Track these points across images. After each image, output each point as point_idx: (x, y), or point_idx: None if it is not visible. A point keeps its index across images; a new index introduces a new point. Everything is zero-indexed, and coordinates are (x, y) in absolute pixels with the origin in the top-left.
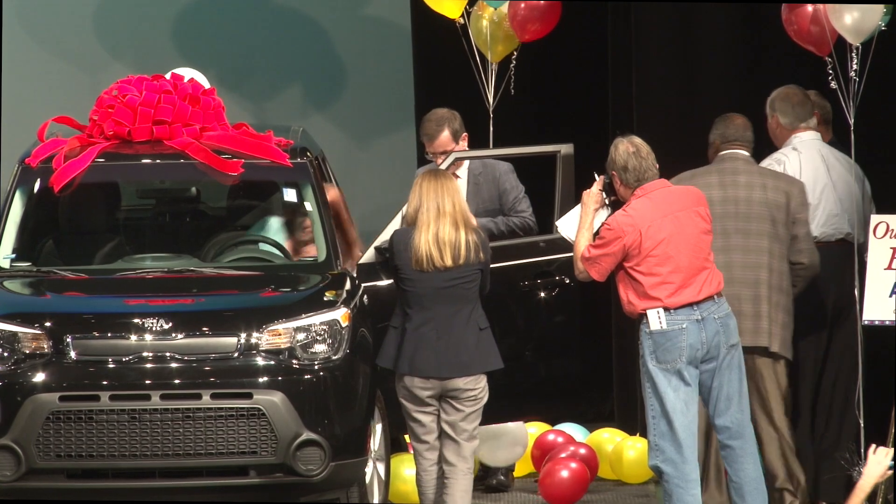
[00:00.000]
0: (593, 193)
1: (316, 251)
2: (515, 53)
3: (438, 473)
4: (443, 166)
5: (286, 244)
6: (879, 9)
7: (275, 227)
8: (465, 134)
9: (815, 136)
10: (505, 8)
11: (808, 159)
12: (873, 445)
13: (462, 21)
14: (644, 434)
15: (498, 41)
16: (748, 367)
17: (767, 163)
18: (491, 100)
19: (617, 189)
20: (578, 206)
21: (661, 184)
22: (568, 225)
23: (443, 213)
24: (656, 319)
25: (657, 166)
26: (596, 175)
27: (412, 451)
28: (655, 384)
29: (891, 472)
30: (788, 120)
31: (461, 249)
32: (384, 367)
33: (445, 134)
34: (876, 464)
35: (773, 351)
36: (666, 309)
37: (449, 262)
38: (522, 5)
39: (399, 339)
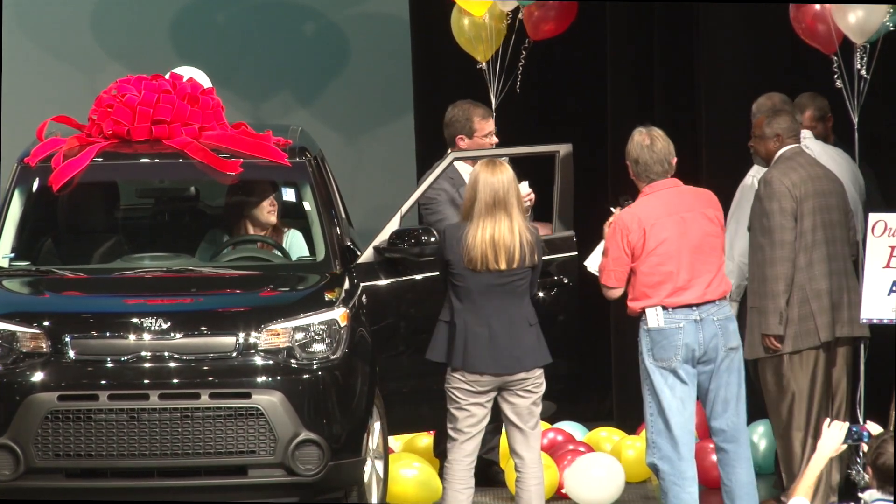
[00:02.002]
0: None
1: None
2: (525, 52)
3: (469, 465)
4: (440, 168)
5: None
6: (884, 8)
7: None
8: None
9: (807, 134)
10: (500, 7)
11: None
12: (827, 419)
13: (483, 20)
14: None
15: (481, 41)
16: (850, 356)
17: (750, 179)
18: (494, 98)
19: (631, 178)
20: (602, 243)
21: (670, 183)
22: (595, 262)
23: (499, 205)
24: (654, 317)
25: (673, 161)
26: (611, 209)
27: (449, 442)
28: (652, 382)
29: (844, 446)
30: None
31: (516, 253)
32: (437, 362)
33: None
34: (830, 438)
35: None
36: (664, 308)
37: (503, 265)
38: (537, 5)
39: (450, 333)
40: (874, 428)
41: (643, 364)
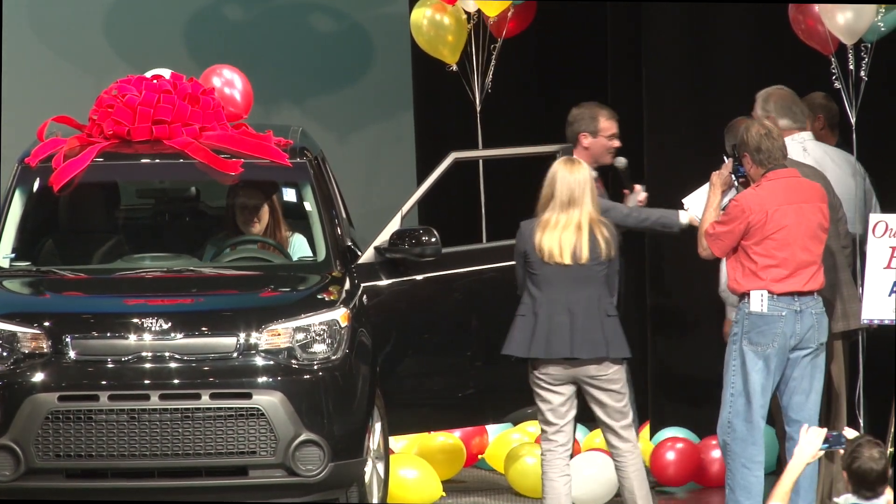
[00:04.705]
0: (723, 175)
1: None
2: (494, 52)
3: (564, 454)
4: (441, 168)
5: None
6: (872, 9)
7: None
8: None
9: (808, 136)
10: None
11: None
12: (805, 425)
13: (493, 20)
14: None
15: (438, 43)
16: (847, 350)
17: None
18: (477, 100)
19: (747, 170)
20: (706, 186)
21: (791, 172)
22: (695, 203)
23: (574, 203)
24: (758, 301)
25: (786, 148)
26: (725, 157)
27: (541, 434)
28: (744, 362)
29: (822, 452)
30: (787, 122)
31: (586, 250)
32: (516, 357)
33: None
34: (808, 444)
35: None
36: (770, 294)
37: (568, 261)
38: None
39: (531, 324)
40: (851, 433)
41: (736, 344)
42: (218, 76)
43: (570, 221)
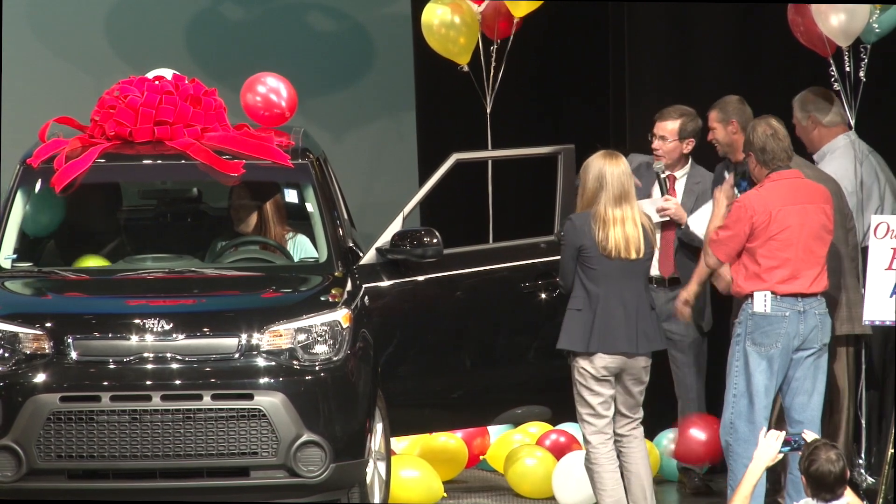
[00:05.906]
0: (725, 190)
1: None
2: (493, 53)
3: (611, 446)
4: (442, 169)
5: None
6: (866, 9)
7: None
8: (692, 140)
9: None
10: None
11: (863, 163)
12: (763, 429)
13: (519, 19)
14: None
15: (449, 43)
16: (852, 355)
17: (846, 182)
18: (487, 101)
19: (752, 169)
20: (709, 204)
21: (794, 174)
22: (698, 222)
23: (625, 197)
24: (762, 302)
25: (792, 149)
26: (726, 173)
27: (583, 434)
28: (747, 363)
29: (781, 455)
30: (829, 118)
31: (641, 243)
32: (572, 350)
33: (672, 124)
34: (766, 447)
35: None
36: (773, 294)
37: (633, 255)
38: (486, 6)
39: (588, 319)
40: (810, 435)
41: (739, 346)
42: (262, 84)
43: (625, 216)
